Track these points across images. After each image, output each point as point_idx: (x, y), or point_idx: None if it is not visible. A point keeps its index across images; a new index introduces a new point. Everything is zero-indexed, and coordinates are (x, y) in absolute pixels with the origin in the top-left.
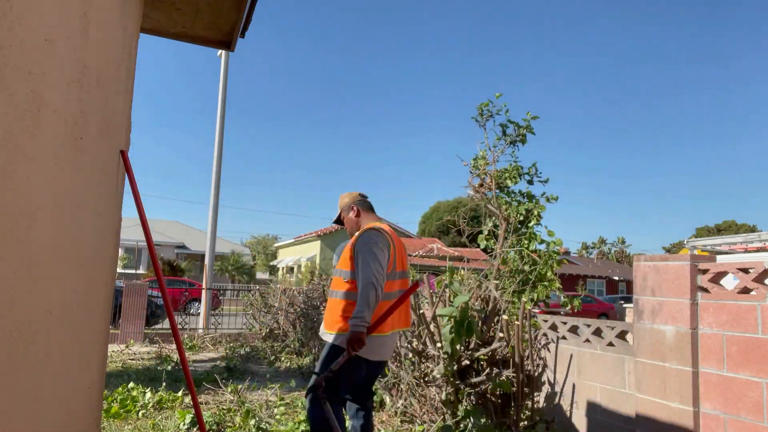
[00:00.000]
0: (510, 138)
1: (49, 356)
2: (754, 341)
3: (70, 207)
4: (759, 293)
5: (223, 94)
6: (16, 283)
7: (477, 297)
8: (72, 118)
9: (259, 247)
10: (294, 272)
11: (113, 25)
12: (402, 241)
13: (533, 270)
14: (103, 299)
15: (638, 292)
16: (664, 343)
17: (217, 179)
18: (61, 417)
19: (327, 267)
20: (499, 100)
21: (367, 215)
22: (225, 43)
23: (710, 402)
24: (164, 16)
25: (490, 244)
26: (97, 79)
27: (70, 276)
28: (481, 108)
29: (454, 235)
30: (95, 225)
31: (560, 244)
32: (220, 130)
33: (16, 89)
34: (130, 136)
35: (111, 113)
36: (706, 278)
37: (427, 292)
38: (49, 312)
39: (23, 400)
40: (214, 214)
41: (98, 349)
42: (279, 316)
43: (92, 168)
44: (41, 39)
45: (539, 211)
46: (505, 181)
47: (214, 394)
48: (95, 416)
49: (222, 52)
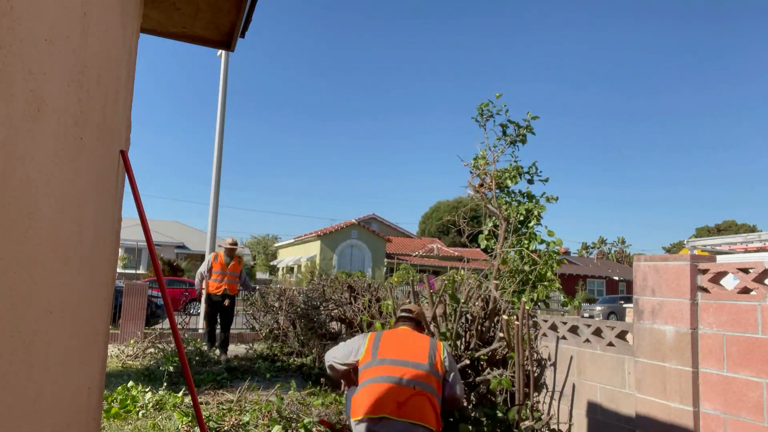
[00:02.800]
0: (510, 138)
1: (49, 356)
2: (754, 341)
3: (70, 207)
4: (759, 293)
5: (223, 94)
6: (16, 283)
7: (477, 297)
8: (72, 118)
9: (259, 247)
10: (294, 272)
11: (113, 25)
12: (407, 333)
13: (533, 270)
14: (103, 299)
15: (638, 292)
16: (664, 343)
17: (217, 179)
18: (61, 417)
19: (327, 267)
20: (499, 100)
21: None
22: (225, 43)
23: (710, 402)
24: (164, 16)
25: (490, 244)
26: (97, 79)
27: (70, 276)
28: (481, 108)
29: (454, 235)
30: (95, 225)
31: (560, 244)
32: (220, 129)
33: (16, 89)
34: (130, 136)
35: (111, 113)
36: (706, 278)
37: (427, 292)
38: (49, 312)
39: (23, 400)
40: (214, 214)
41: (98, 349)
42: (279, 316)
43: (92, 168)
44: (41, 39)
45: (539, 211)
46: (505, 181)
47: (214, 395)
48: (95, 416)
49: (222, 52)
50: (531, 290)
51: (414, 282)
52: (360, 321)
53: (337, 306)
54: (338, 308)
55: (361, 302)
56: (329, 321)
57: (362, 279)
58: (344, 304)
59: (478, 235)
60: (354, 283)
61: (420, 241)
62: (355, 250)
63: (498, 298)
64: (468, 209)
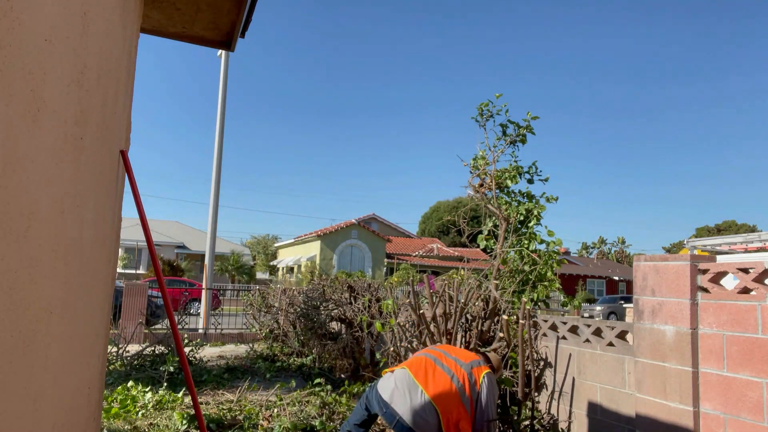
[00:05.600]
0: (510, 138)
1: (49, 356)
2: (754, 341)
3: (70, 207)
4: (759, 293)
5: (223, 94)
6: (16, 283)
7: (477, 297)
8: (72, 118)
9: (259, 247)
10: (294, 272)
11: (113, 25)
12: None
13: (533, 270)
14: (103, 299)
15: (638, 292)
16: (664, 343)
17: (217, 179)
18: (61, 417)
19: (327, 267)
20: (499, 100)
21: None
22: (225, 43)
23: (710, 402)
24: (164, 16)
25: (490, 244)
26: (97, 79)
27: (70, 276)
28: (481, 108)
29: (454, 235)
30: (95, 225)
31: (560, 244)
32: (220, 129)
33: (16, 89)
34: (130, 136)
35: (111, 113)
36: (706, 278)
37: (427, 292)
38: (49, 312)
39: (23, 400)
40: (214, 214)
41: (98, 349)
42: (279, 316)
43: (92, 168)
44: (41, 39)
45: (539, 211)
46: (505, 181)
47: (214, 394)
48: (95, 416)
49: (222, 52)
50: (531, 290)
51: (414, 282)
52: (360, 321)
53: (337, 306)
54: (338, 308)
55: (361, 302)
56: (329, 321)
57: (362, 279)
58: (344, 304)
59: (478, 235)
60: (354, 283)
61: (420, 241)
62: (355, 250)
63: (498, 298)
64: (468, 209)
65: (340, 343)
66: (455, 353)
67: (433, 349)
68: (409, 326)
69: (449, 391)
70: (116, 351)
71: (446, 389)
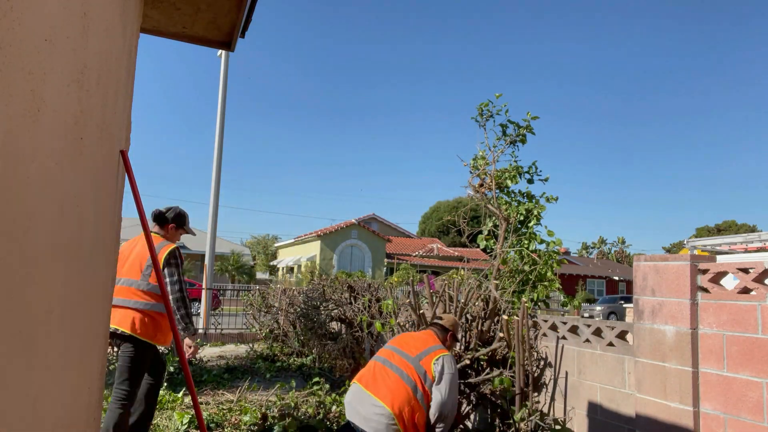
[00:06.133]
0: (510, 138)
1: (49, 356)
2: (755, 341)
3: (70, 207)
4: (759, 293)
5: (223, 94)
6: (16, 283)
7: (477, 297)
8: (72, 118)
9: (259, 247)
10: (294, 272)
11: (113, 25)
12: (421, 333)
13: (533, 270)
14: (103, 299)
15: (638, 292)
16: (665, 343)
17: (217, 179)
18: (61, 417)
19: (327, 267)
20: (499, 100)
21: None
22: (225, 43)
23: (710, 402)
24: (164, 16)
25: (490, 244)
26: (97, 79)
27: (70, 276)
28: (481, 108)
29: (454, 235)
30: (95, 225)
31: (560, 244)
32: (220, 129)
33: (16, 89)
34: (130, 136)
35: (111, 113)
36: (706, 278)
37: (427, 292)
38: (49, 312)
39: (23, 400)
40: (214, 214)
41: (98, 349)
42: (279, 316)
43: (92, 168)
44: (41, 39)
45: (539, 211)
46: (505, 181)
47: (214, 394)
48: (95, 416)
49: (222, 52)
50: (531, 290)
51: (414, 282)
52: (360, 321)
53: (337, 306)
54: (338, 308)
55: (361, 302)
56: (329, 321)
57: (362, 279)
58: (344, 304)
59: (478, 235)
60: (354, 283)
61: (420, 241)
62: (355, 250)
63: (498, 298)
64: (468, 209)
65: (340, 343)
66: (405, 346)
67: (386, 348)
68: (409, 326)
69: (401, 389)
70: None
71: (397, 389)
